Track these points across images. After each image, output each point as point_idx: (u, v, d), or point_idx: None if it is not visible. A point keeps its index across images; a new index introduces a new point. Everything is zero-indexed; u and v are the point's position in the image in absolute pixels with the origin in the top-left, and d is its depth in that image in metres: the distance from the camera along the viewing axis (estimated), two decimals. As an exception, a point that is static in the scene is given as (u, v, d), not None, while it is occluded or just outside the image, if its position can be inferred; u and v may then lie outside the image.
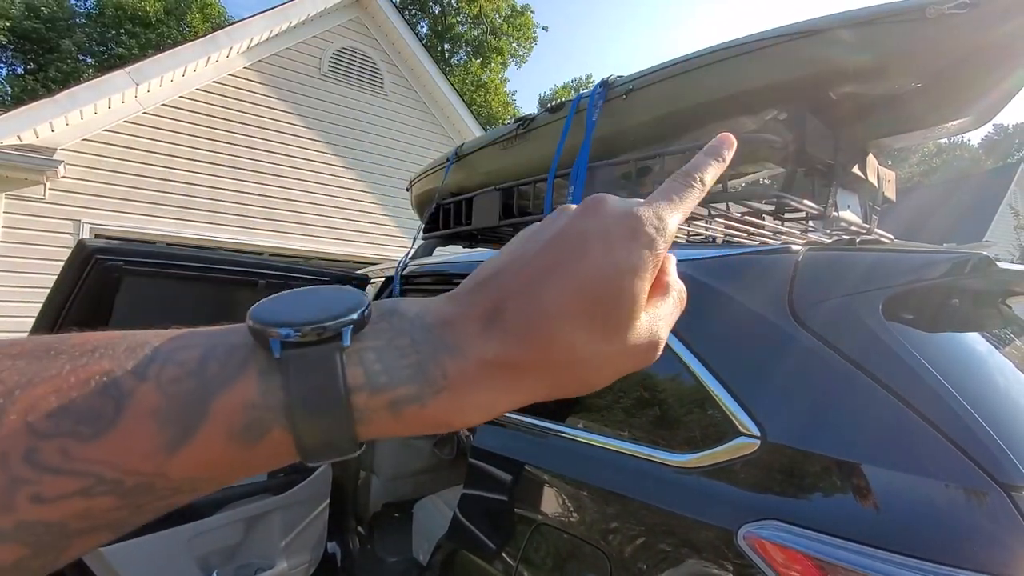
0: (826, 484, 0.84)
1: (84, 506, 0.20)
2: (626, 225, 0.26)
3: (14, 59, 20.87)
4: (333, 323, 0.23)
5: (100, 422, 0.20)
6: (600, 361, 0.25)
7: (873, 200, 1.68)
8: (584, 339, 0.24)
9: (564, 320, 0.24)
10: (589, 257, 0.25)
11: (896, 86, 1.26)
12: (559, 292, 0.24)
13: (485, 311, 0.25)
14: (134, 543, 1.53)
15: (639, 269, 0.25)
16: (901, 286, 0.95)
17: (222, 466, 0.22)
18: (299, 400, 0.22)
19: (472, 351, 0.24)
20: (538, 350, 0.24)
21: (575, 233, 0.26)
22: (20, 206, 5.06)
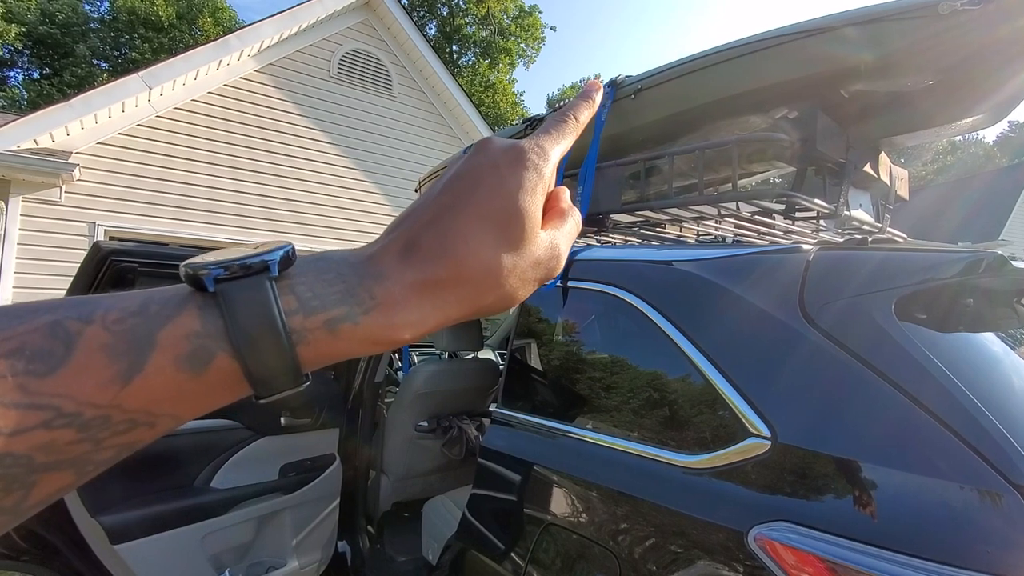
0: (837, 485, 0.83)
1: (47, 438, 0.21)
2: (511, 154, 0.30)
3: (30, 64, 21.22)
4: (258, 259, 0.25)
5: (52, 359, 0.21)
6: (509, 272, 0.29)
7: (885, 199, 1.66)
8: (490, 253, 0.28)
9: (470, 239, 0.28)
10: (483, 184, 0.29)
11: (908, 83, 1.24)
12: (462, 216, 0.28)
13: (402, 244, 0.28)
14: (149, 541, 1.55)
15: (527, 188, 0.29)
16: (914, 286, 0.94)
17: (175, 396, 0.23)
18: (237, 325, 0.24)
19: (394, 275, 0.27)
20: (452, 267, 0.27)
21: (469, 168, 0.30)
22: (37, 209, 5.14)
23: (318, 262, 0.28)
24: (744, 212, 1.46)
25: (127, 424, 0.23)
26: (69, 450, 0.22)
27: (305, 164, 6.78)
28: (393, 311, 0.26)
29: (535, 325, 1.51)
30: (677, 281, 1.18)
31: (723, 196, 1.38)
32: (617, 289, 1.27)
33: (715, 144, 1.38)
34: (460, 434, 2.47)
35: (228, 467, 1.79)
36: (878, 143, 1.54)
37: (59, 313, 0.22)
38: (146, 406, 0.23)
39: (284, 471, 1.95)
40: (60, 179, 5.17)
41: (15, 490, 0.21)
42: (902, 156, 8.97)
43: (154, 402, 0.23)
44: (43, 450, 0.21)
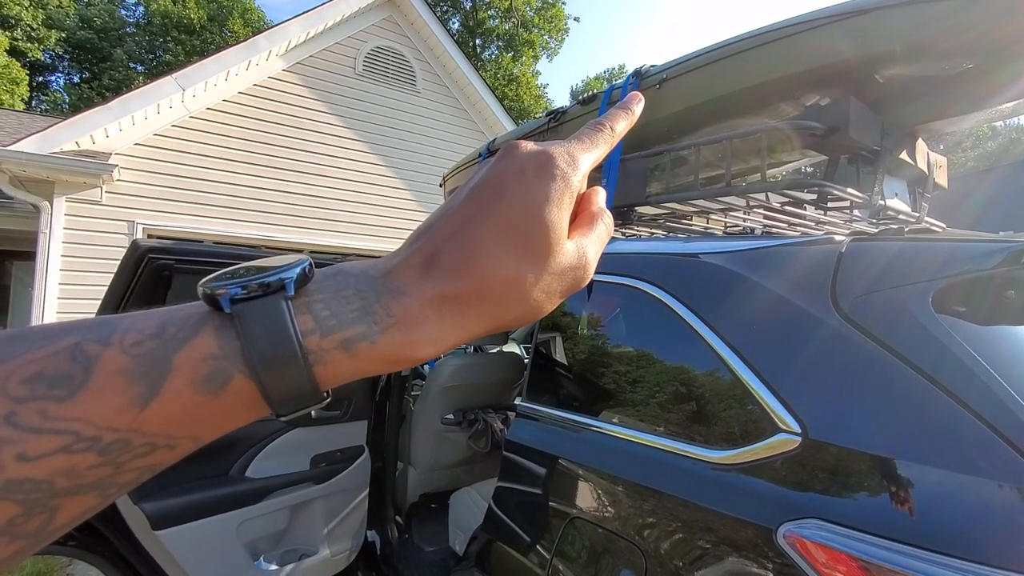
0: (871, 483, 0.81)
1: (67, 463, 0.21)
2: (538, 162, 0.28)
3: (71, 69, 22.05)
4: (275, 277, 0.25)
5: (72, 384, 0.21)
6: (533, 286, 0.27)
7: (923, 187, 1.60)
8: (512, 267, 0.27)
9: (491, 252, 0.26)
10: (507, 195, 0.27)
11: (946, 67, 1.19)
12: (484, 229, 0.27)
13: (422, 258, 0.27)
14: (188, 527, 1.61)
15: (554, 199, 0.28)
16: (952, 277, 0.91)
17: (194, 418, 0.23)
18: (254, 346, 0.24)
19: (413, 291, 0.26)
20: (473, 282, 0.26)
21: (493, 176, 0.28)
22: (80, 208, 5.35)
23: (336, 276, 0.27)
24: (773, 203, 1.43)
25: (147, 447, 0.23)
26: (90, 474, 0.22)
27: (332, 161, 6.88)
28: (412, 329, 0.26)
29: (560, 319, 1.51)
30: (704, 274, 1.17)
31: (752, 187, 1.35)
32: (643, 283, 1.25)
33: (743, 133, 1.35)
34: (486, 427, 2.50)
35: (262, 457, 1.85)
36: (915, 129, 1.48)
37: (79, 335, 0.23)
38: (165, 429, 0.23)
39: (315, 462, 2.00)
40: (101, 179, 5.37)
41: (36, 514, 0.21)
42: (941, 143, 8.58)
43: (173, 425, 0.23)
44: (64, 475, 0.21)
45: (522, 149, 0.29)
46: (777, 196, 1.39)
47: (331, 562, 2.02)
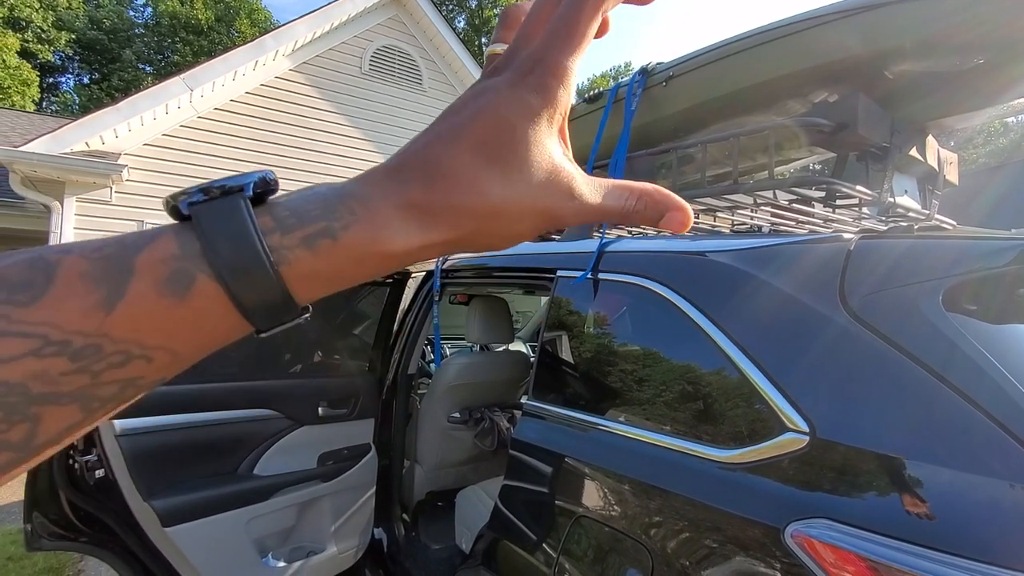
0: (880, 482, 0.81)
1: (39, 367, 0.21)
2: (514, 76, 0.27)
3: (81, 70, 22.25)
4: (234, 182, 0.25)
5: (33, 288, 0.21)
6: (509, 205, 0.26)
7: (933, 184, 1.59)
8: (486, 180, 0.26)
9: (463, 165, 0.26)
10: (482, 111, 0.26)
11: (957, 62, 1.18)
12: (457, 142, 0.26)
13: (391, 168, 0.27)
14: (198, 524, 1.63)
15: (530, 113, 0.26)
16: (963, 275, 0.90)
17: (164, 325, 0.23)
18: (212, 244, 0.23)
19: (377, 194, 0.26)
20: (442, 191, 0.26)
21: (471, 93, 0.27)
22: (89, 208, 5.40)
23: (303, 190, 0.27)
24: (781, 200, 1.42)
25: (121, 356, 0.22)
26: (66, 381, 0.21)
27: (339, 160, 6.91)
28: (375, 227, 0.25)
29: (566, 318, 1.50)
30: (711, 272, 1.16)
31: (759, 184, 1.34)
32: (649, 281, 1.25)
33: (751, 131, 1.34)
34: (492, 426, 2.50)
35: (270, 455, 1.86)
36: (925, 126, 1.47)
37: (39, 250, 0.23)
38: (135, 336, 0.22)
39: (322, 459, 2.01)
40: (110, 179, 5.42)
41: (17, 422, 0.21)
42: (951, 139, 8.45)
43: (143, 332, 0.22)
44: (38, 379, 0.21)
45: (505, 60, 0.28)
46: (785, 194, 1.38)
47: (338, 559, 2.03)
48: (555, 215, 0.28)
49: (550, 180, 0.27)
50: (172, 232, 0.24)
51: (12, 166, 4.98)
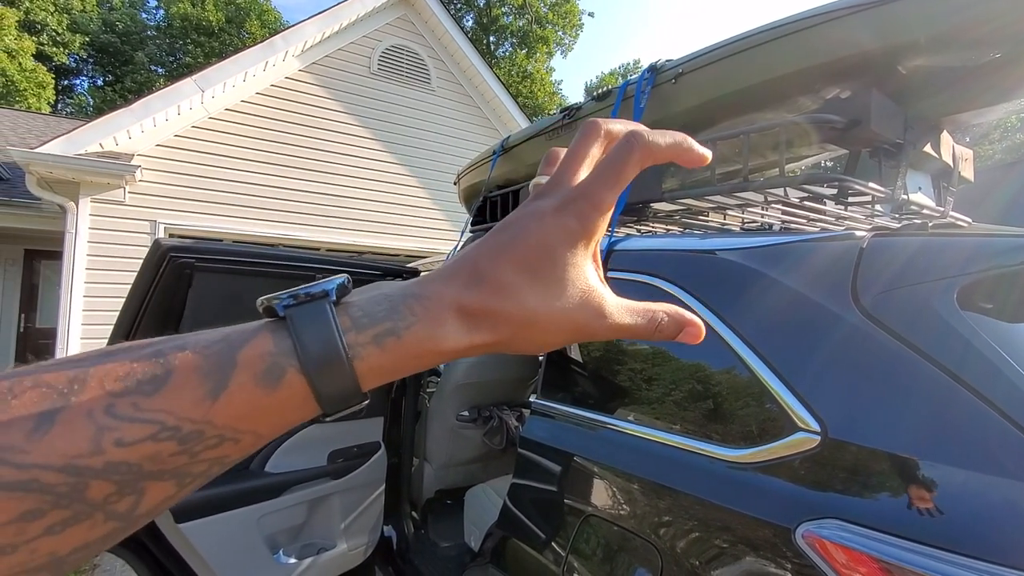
0: (892, 483, 0.80)
1: (154, 450, 0.24)
2: (556, 202, 0.31)
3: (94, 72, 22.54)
4: (318, 288, 0.29)
5: (156, 381, 0.25)
6: (537, 316, 0.30)
7: (948, 181, 1.56)
8: (526, 293, 0.30)
9: (505, 280, 0.30)
10: (527, 230, 0.31)
11: (972, 57, 1.16)
12: (503, 258, 0.30)
13: (449, 272, 0.31)
14: (210, 520, 1.64)
15: (567, 239, 0.30)
16: (978, 273, 0.89)
17: (255, 412, 0.27)
18: (303, 342, 0.27)
19: (435, 295, 0.30)
20: (486, 299, 0.30)
21: (520, 214, 0.31)
22: (103, 208, 5.48)
23: (370, 289, 0.31)
24: (792, 198, 1.41)
25: (216, 439, 0.26)
26: (171, 461, 0.25)
27: (349, 160, 6.94)
28: (431, 327, 0.29)
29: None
30: (721, 270, 1.15)
31: (770, 182, 1.33)
32: (659, 279, 1.24)
33: (761, 128, 1.33)
34: (500, 424, 2.50)
35: (280, 452, 1.88)
36: (939, 121, 1.45)
37: (162, 345, 0.27)
38: (231, 422, 0.26)
39: (332, 457, 2.02)
40: (124, 180, 5.49)
41: (127, 495, 0.24)
42: (966, 135, 8.28)
43: (238, 418, 0.26)
44: (151, 460, 0.24)
45: (548, 189, 0.32)
46: (796, 191, 1.36)
47: (348, 556, 2.04)
48: (586, 330, 0.32)
49: (583, 298, 0.31)
50: (268, 330, 0.28)
51: (28, 167, 5.06)
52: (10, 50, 16.32)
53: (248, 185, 6.24)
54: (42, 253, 7.91)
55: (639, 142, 0.31)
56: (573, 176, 0.32)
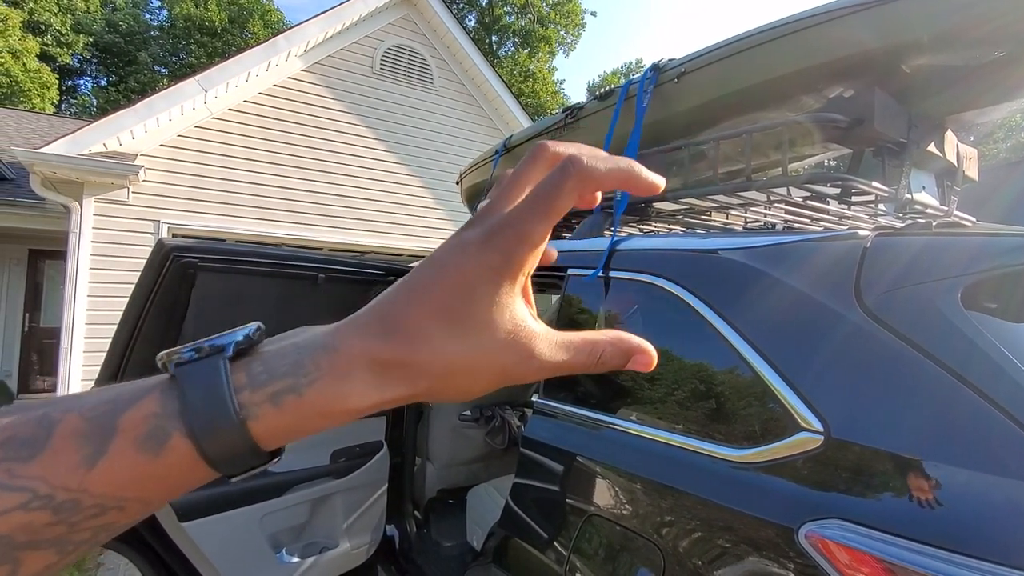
0: (896, 483, 0.79)
1: (25, 520, 0.23)
2: (479, 238, 0.27)
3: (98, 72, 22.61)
4: (221, 340, 0.27)
5: (35, 446, 0.23)
6: (464, 363, 0.27)
7: (952, 180, 1.56)
8: (444, 339, 0.27)
9: (423, 325, 0.27)
10: (446, 270, 0.27)
11: (976, 56, 1.15)
12: (420, 302, 0.27)
13: (364, 320, 0.28)
14: (214, 519, 1.65)
15: (491, 274, 0.27)
16: (982, 273, 0.88)
17: (139, 480, 0.24)
18: (188, 402, 0.25)
19: (344, 347, 0.27)
20: (399, 350, 0.27)
21: (445, 246, 0.28)
22: (107, 208, 5.50)
23: (284, 339, 0.28)
24: (795, 197, 1.41)
25: (96, 508, 0.24)
26: (47, 531, 0.23)
27: (351, 159, 6.95)
28: (337, 382, 0.26)
29: (577, 315, 1.50)
30: (723, 270, 1.15)
31: (773, 181, 1.33)
32: (661, 279, 1.24)
33: (764, 127, 1.33)
34: (503, 424, 2.50)
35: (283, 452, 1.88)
36: (943, 120, 1.44)
37: (52, 407, 0.25)
38: (111, 490, 0.24)
39: (335, 457, 2.02)
40: (128, 180, 5.51)
41: (1, 564, 0.23)
42: (970, 133, 8.20)
43: (118, 486, 0.24)
44: (23, 530, 0.23)
45: (474, 224, 0.28)
46: (799, 191, 1.36)
47: (351, 556, 2.05)
48: (514, 374, 0.28)
49: (509, 340, 0.28)
50: (159, 390, 0.26)
51: (33, 167, 5.08)
52: (14, 51, 16.38)
53: (251, 185, 6.26)
54: (46, 253, 7.94)
55: (575, 168, 0.27)
56: (507, 203, 0.28)
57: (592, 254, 1.49)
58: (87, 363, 5.21)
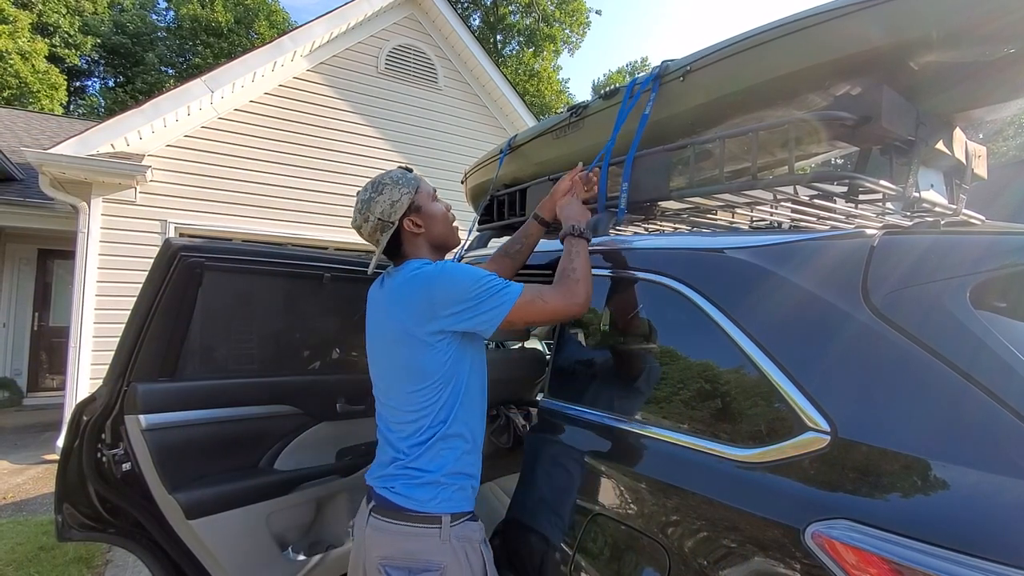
0: (903, 483, 0.79)
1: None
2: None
3: (106, 73, 22.77)
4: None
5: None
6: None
7: (960, 178, 1.55)
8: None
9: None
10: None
11: (986, 52, 1.14)
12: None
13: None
14: (220, 517, 1.66)
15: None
16: (991, 272, 0.87)
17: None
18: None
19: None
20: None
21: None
22: (115, 208, 5.53)
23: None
24: (802, 196, 1.40)
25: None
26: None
27: (356, 159, 6.96)
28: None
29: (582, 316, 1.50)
30: (730, 269, 1.15)
31: (779, 180, 1.32)
32: (666, 278, 1.24)
33: (770, 125, 1.32)
34: (508, 423, 2.50)
35: (289, 450, 1.89)
36: (952, 118, 1.43)
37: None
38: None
39: (341, 455, 2.03)
40: (135, 180, 5.54)
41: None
42: (979, 131, 8.11)
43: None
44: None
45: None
46: (805, 189, 1.35)
47: (357, 554, 2.05)
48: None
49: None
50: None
51: (42, 168, 5.12)
52: (23, 52, 16.51)
53: (257, 185, 6.28)
54: (55, 253, 8.01)
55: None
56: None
57: (595, 253, 1.48)
58: (96, 362, 5.24)
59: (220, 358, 1.83)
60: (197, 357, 1.74)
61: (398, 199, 1.31)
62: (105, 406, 1.60)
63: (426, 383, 1.22)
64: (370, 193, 1.33)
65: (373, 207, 1.31)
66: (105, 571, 3.09)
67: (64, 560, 3.12)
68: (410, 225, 1.34)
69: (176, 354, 1.67)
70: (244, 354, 1.88)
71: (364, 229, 1.34)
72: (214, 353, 1.81)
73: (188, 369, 1.71)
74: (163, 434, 1.59)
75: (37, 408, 7.44)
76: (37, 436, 6.02)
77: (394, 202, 1.31)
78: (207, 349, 1.78)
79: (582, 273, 1.27)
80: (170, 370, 1.66)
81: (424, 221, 1.35)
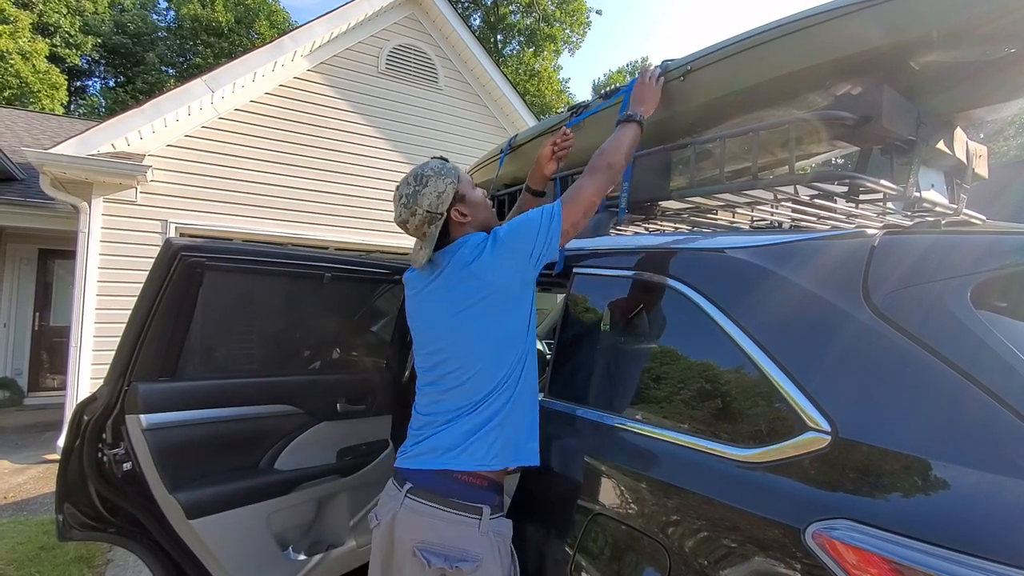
0: (904, 483, 0.79)
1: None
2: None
3: (106, 73, 22.78)
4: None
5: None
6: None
7: (961, 178, 1.54)
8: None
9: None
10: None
11: (986, 52, 1.14)
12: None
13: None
14: (221, 517, 1.66)
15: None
16: (992, 271, 0.87)
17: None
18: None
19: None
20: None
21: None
22: (115, 208, 5.53)
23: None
24: (802, 196, 1.40)
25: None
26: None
27: (356, 159, 6.96)
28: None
29: (582, 315, 1.50)
30: (730, 269, 1.15)
31: (779, 179, 1.32)
32: (666, 278, 1.24)
33: (771, 125, 1.32)
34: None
35: (290, 450, 1.89)
36: (952, 117, 1.43)
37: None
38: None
39: (341, 455, 2.03)
40: (136, 180, 5.54)
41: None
42: (980, 131, 8.05)
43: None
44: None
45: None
46: (806, 189, 1.35)
47: (356, 554, 2.05)
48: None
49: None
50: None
51: (43, 168, 5.12)
52: (24, 52, 16.52)
53: (258, 185, 6.28)
54: (56, 253, 8.01)
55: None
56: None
57: (595, 254, 1.48)
58: (96, 361, 5.25)
59: (221, 358, 1.83)
60: (198, 357, 1.74)
61: (443, 190, 1.30)
62: (106, 406, 1.60)
63: (511, 346, 1.25)
64: (414, 187, 1.31)
65: (420, 200, 1.30)
66: (106, 571, 3.09)
67: (65, 560, 3.13)
68: (457, 215, 1.33)
69: (177, 354, 1.68)
70: (245, 354, 1.88)
71: (411, 223, 1.32)
72: (215, 353, 1.81)
73: (189, 369, 1.71)
74: (164, 434, 1.59)
75: (38, 408, 7.44)
76: (38, 436, 6.03)
77: (440, 193, 1.30)
78: (208, 349, 1.78)
79: (614, 158, 1.35)
80: (171, 370, 1.66)
81: (469, 209, 1.35)
